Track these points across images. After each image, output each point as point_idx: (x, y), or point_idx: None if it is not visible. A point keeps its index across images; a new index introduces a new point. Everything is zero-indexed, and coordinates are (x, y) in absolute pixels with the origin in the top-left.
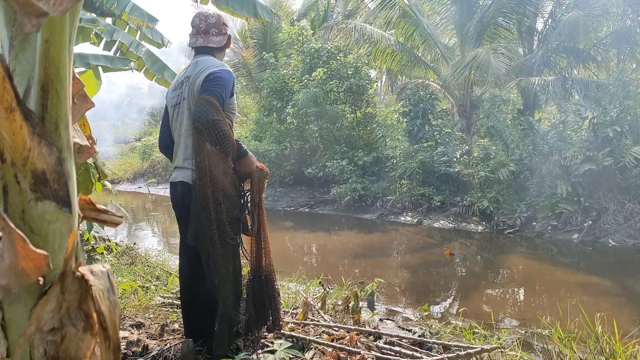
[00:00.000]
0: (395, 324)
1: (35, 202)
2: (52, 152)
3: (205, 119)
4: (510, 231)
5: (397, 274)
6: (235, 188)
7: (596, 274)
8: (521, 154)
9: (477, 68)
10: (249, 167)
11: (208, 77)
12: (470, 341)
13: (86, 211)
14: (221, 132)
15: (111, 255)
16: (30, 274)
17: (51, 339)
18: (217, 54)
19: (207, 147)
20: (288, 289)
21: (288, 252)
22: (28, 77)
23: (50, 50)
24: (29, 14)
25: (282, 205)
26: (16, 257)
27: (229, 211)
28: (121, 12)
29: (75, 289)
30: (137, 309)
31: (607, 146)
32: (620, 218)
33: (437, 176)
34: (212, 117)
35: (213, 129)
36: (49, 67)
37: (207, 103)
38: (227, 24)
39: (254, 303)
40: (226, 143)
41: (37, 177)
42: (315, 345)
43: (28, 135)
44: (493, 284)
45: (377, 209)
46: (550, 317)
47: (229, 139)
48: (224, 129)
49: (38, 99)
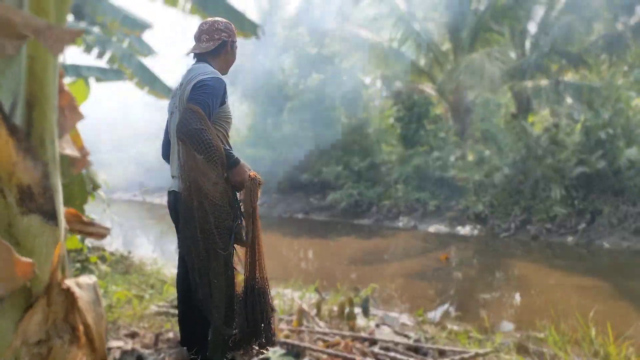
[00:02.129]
0: (391, 329)
1: (21, 216)
2: (37, 166)
3: (187, 128)
4: (505, 235)
5: (393, 279)
6: (226, 198)
7: (590, 276)
8: (515, 157)
9: (472, 73)
10: (241, 176)
11: (195, 85)
12: (465, 345)
13: (72, 224)
14: (204, 141)
15: (105, 264)
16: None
17: (37, 352)
18: (212, 61)
19: (196, 157)
20: (284, 295)
21: (284, 259)
22: (14, 92)
23: (34, 67)
24: (9, 35)
25: (277, 212)
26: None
27: (220, 221)
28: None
29: (62, 301)
30: (132, 318)
31: (600, 149)
32: (614, 220)
33: (432, 181)
34: (194, 126)
35: (195, 138)
36: (35, 84)
37: (191, 112)
38: (224, 30)
39: (246, 317)
40: (211, 152)
41: (22, 192)
42: (310, 352)
43: (14, 150)
44: (488, 287)
45: (373, 214)
46: (545, 320)
47: (213, 148)
48: (207, 137)
49: (24, 115)
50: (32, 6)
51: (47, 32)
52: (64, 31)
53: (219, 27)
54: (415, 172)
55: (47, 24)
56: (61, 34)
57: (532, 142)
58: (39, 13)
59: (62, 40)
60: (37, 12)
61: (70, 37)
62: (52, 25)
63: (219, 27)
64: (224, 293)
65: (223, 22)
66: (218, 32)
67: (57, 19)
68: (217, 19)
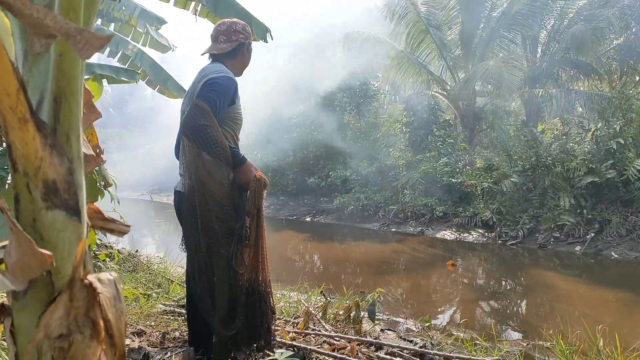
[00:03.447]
0: (396, 334)
1: (45, 210)
2: (63, 162)
3: (192, 124)
4: (513, 242)
5: (399, 284)
6: (230, 198)
7: (598, 286)
8: (524, 165)
9: (488, 79)
10: (247, 175)
11: (205, 83)
12: (471, 353)
13: (94, 220)
14: (208, 137)
15: (113, 262)
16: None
17: (59, 345)
18: (228, 62)
19: (203, 156)
20: (289, 297)
21: (290, 261)
22: (41, 89)
23: (63, 64)
24: (39, 34)
25: (284, 214)
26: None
27: (223, 222)
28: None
29: (83, 297)
30: (139, 317)
31: (609, 159)
32: (622, 231)
33: (440, 186)
34: (199, 122)
35: (199, 134)
36: (62, 80)
37: (197, 108)
38: (242, 32)
39: (245, 319)
40: (215, 149)
41: (48, 187)
42: (316, 355)
43: (40, 145)
44: (495, 295)
45: (380, 219)
46: (552, 330)
47: (218, 146)
48: (212, 134)
49: (50, 111)
50: (62, 7)
51: (77, 37)
52: (94, 36)
53: (237, 28)
54: (423, 177)
55: (77, 28)
56: (91, 39)
57: (541, 150)
58: (69, 15)
59: (91, 45)
60: (68, 13)
61: (100, 43)
62: (83, 30)
63: (237, 28)
64: (225, 293)
65: (241, 24)
66: (236, 34)
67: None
68: (235, 20)
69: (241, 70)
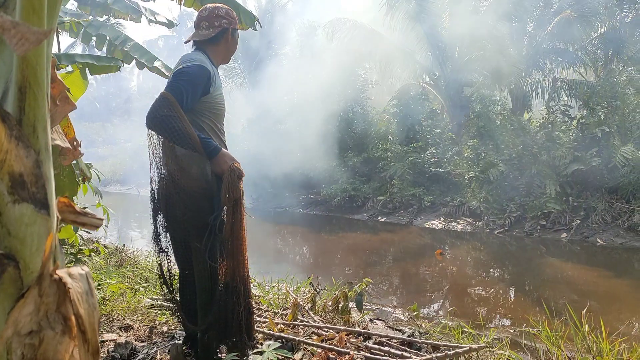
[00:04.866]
0: (385, 324)
1: (12, 204)
2: (29, 154)
3: (153, 115)
4: (500, 231)
5: (388, 274)
6: (205, 190)
7: (584, 273)
8: (510, 154)
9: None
10: (221, 166)
11: (174, 73)
12: (459, 341)
13: (65, 214)
14: (171, 128)
15: (99, 257)
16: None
17: (29, 342)
18: (211, 49)
19: (176, 151)
20: (278, 289)
21: (278, 253)
22: (5, 79)
23: (28, 53)
24: None
25: (272, 206)
26: None
27: (194, 212)
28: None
29: (54, 292)
30: (126, 311)
31: (594, 146)
32: (608, 217)
33: (428, 176)
34: (161, 112)
35: (162, 125)
36: (27, 70)
37: (161, 98)
38: (225, 17)
39: (218, 316)
40: (180, 139)
41: (14, 180)
42: (304, 346)
43: (5, 137)
44: (483, 283)
45: (368, 210)
46: (538, 316)
47: (183, 135)
48: (175, 125)
49: (15, 102)
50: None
51: (11, 30)
52: (30, 30)
53: (219, 13)
54: (411, 167)
55: (12, 21)
56: (27, 33)
57: (527, 138)
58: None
59: (27, 40)
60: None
61: (36, 37)
62: (18, 24)
63: (219, 13)
64: (201, 287)
65: (224, 8)
66: (218, 19)
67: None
68: (218, 5)
69: (227, 56)
